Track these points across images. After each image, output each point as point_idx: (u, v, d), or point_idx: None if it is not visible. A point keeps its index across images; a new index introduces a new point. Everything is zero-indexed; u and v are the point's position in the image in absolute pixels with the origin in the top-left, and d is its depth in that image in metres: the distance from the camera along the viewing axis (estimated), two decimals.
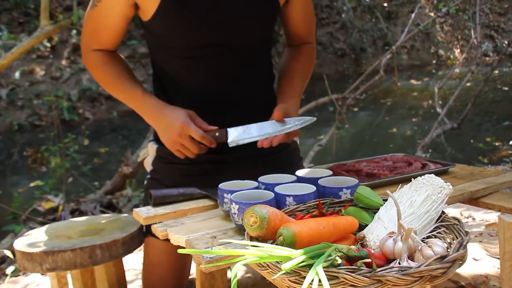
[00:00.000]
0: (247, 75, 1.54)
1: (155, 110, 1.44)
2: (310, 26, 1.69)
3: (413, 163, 1.62)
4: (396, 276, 0.75)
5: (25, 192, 4.47)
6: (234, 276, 0.68)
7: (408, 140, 6.48)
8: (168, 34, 1.44)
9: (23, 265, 1.50)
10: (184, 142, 1.37)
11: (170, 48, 1.47)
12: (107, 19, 1.45)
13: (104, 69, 1.50)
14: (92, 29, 1.49)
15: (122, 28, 1.48)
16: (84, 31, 1.53)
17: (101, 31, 1.48)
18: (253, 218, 0.89)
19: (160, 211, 1.30)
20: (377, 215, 1.03)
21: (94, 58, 1.51)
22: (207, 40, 1.43)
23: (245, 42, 1.47)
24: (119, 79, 1.50)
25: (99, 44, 1.50)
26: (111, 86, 1.52)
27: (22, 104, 8.22)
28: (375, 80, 4.35)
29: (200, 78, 1.48)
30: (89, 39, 1.51)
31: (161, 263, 1.67)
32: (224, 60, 1.46)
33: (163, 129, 1.42)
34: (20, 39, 4.40)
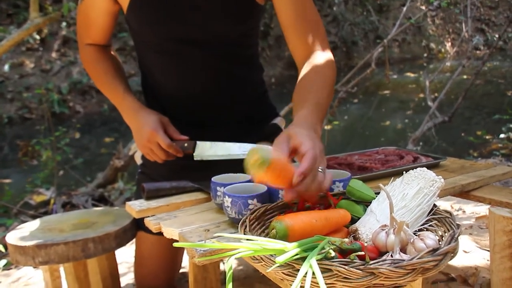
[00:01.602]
0: (224, 72, 1.50)
1: (131, 111, 1.47)
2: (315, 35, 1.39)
3: (405, 156, 1.63)
4: (389, 269, 0.76)
5: (16, 185, 4.44)
6: (229, 269, 0.68)
7: (399, 133, 6.51)
8: (140, 28, 1.45)
9: (15, 258, 1.50)
10: (153, 148, 1.40)
11: (144, 42, 1.48)
12: (93, 14, 1.49)
13: (94, 65, 1.54)
14: (83, 24, 1.54)
15: (108, 23, 1.51)
16: (77, 25, 1.57)
17: (90, 26, 1.52)
18: (255, 156, 0.86)
19: (152, 204, 1.30)
20: (370, 208, 1.04)
21: (87, 53, 1.55)
22: (176, 34, 1.42)
23: (217, 39, 1.44)
24: (105, 76, 1.53)
25: (91, 38, 1.54)
26: (99, 82, 1.55)
27: (12, 97, 8.15)
28: (367, 73, 4.37)
29: (175, 74, 1.48)
30: (81, 33, 1.56)
31: (152, 257, 1.68)
32: (198, 57, 1.45)
33: (136, 131, 1.45)
34: (9, 32, 4.36)
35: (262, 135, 1.60)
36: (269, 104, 1.71)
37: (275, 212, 1.05)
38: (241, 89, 1.57)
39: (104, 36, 1.54)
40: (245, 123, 1.60)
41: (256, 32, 1.56)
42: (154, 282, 1.70)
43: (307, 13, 1.40)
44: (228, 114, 1.57)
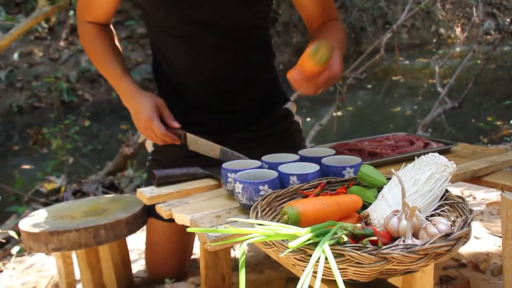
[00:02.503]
0: (237, 57, 1.52)
1: (128, 95, 1.46)
2: (324, 4, 1.55)
3: (415, 142, 1.62)
4: (401, 254, 0.76)
5: (27, 174, 4.48)
6: (242, 254, 0.68)
7: (408, 120, 6.47)
8: (154, 10, 1.45)
9: (29, 245, 1.51)
10: (150, 134, 1.42)
11: (158, 25, 1.49)
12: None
13: (92, 43, 1.53)
14: (86, 2, 1.53)
15: (113, 3, 1.51)
16: (78, 2, 1.56)
17: (93, 4, 1.51)
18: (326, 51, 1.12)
19: (163, 191, 1.30)
20: (381, 194, 1.04)
21: (86, 30, 1.54)
22: (190, 17, 1.42)
23: (230, 21, 1.45)
24: (103, 56, 1.51)
25: (92, 16, 1.53)
26: (96, 61, 1.54)
27: (21, 86, 8.18)
28: (376, 59, 4.32)
29: (188, 58, 1.49)
30: (83, 10, 1.55)
31: (163, 243, 1.69)
32: (210, 40, 1.45)
33: (134, 116, 1.45)
34: (17, 20, 4.36)
35: (274, 119, 1.60)
36: (280, 89, 1.71)
37: (286, 198, 1.05)
38: (254, 74, 1.56)
39: (106, 16, 1.54)
40: (258, 108, 1.60)
41: (268, 15, 1.57)
42: (165, 269, 1.71)
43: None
44: (240, 99, 1.56)
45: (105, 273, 1.66)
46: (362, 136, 1.77)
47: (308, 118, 6.10)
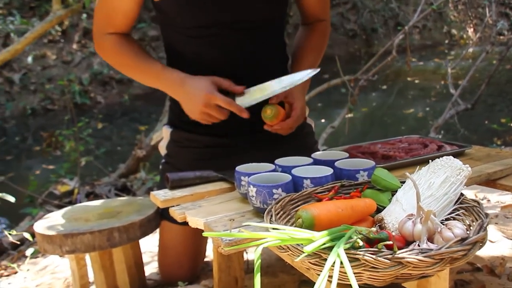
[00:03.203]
0: (258, 56, 1.53)
1: (177, 82, 1.43)
2: (323, 4, 1.70)
3: (429, 144, 1.62)
4: (417, 258, 0.75)
5: (40, 176, 4.52)
6: (257, 258, 0.69)
7: (421, 121, 6.43)
8: (178, 14, 1.43)
9: (43, 247, 1.53)
10: (211, 111, 1.37)
11: (181, 28, 1.47)
12: (120, 2, 1.45)
13: (120, 51, 1.50)
14: (105, 13, 1.49)
15: (135, 10, 1.48)
16: (96, 15, 1.52)
17: (114, 15, 1.47)
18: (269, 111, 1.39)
19: (177, 194, 1.30)
20: (395, 197, 1.03)
21: (109, 41, 1.50)
22: (216, 19, 1.42)
23: (254, 21, 1.46)
24: (136, 58, 1.49)
25: (113, 27, 1.49)
26: (129, 66, 1.52)
27: (35, 89, 8.27)
28: (388, 61, 4.30)
29: (211, 58, 1.48)
30: (102, 23, 1.50)
31: (176, 246, 1.70)
32: (234, 40, 1.46)
33: (187, 101, 1.41)
34: (32, 24, 4.41)
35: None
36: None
37: (300, 202, 1.05)
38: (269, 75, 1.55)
39: (128, 24, 1.51)
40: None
41: (285, 11, 1.61)
42: (178, 271, 1.71)
43: None
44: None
45: (119, 275, 1.67)
46: (374, 138, 1.77)
47: (322, 120, 6.08)
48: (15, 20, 4.12)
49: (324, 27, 1.73)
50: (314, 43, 1.70)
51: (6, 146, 6.28)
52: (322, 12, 1.71)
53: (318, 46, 1.70)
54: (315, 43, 1.70)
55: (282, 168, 1.22)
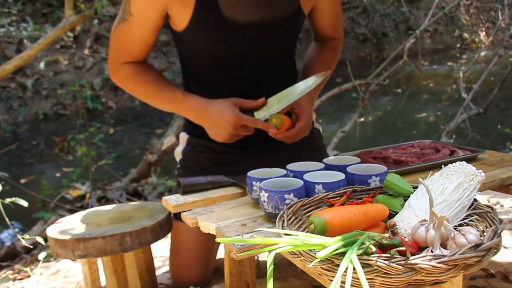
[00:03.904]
0: (272, 79, 1.56)
1: (200, 110, 1.43)
2: (337, 25, 1.70)
3: (441, 149, 1.61)
4: (430, 264, 0.75)
5: (52, 180, 4.56)
6: (270, 264, 0.69)
7: (432, 126, 6.39)
8: (199, 45, 1.45)
9: (56, 251, 1.54)
10: (240, 132, 1.38)
11: (198, 56, 1.49)
12: (138, 33, 1.43)
13: (136, 80, 1.49)
14: (122, 44, 1.47)
15: (152, 40, 1.46)
16: (112, 45, 1.50)
17: (131, 45, 1.46)
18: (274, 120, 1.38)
19: (189, 199, 1.31)
20: (408, 203, 1.03)
21: (126, 70, 1.49)
22: (235, 49, 1.44)
23: (271, 50, 1.49)
24: (156, 86, 1.48)
25: (129, 57, 1.48)
26: (148, 95, 1.51)
27: (47, 94, 8.34)
28: (399, 65, 4.29)
29: (224, 81, 1.51)
30: (118, 53, 1.49)
31: (189, 247, 1.70)
32: (248, 65, 1.48)
33: (213, 126, 1.41)
34: (44, 30, 4.45)
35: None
36: None
37: (312, 207, 1.05)
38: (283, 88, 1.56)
39: (145, 53, 1.49)
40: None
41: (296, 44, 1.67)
42: (190, 274, 1.71)
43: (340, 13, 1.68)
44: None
45: (130, 280, 1.68)
46: (385, 143, 1.76)
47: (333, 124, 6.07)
48: (28, 27, 4.17)
49: (336, 44, 1.74)
50: (325, 58, 1.71)
51: (19, 151, 6.35)
52: (335, 32, 1.72)
53: (328, 61, 1.71)
54: (326, 59, 1.71)
55: (293, 173, 1.22)
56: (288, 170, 1.24)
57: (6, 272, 2.26)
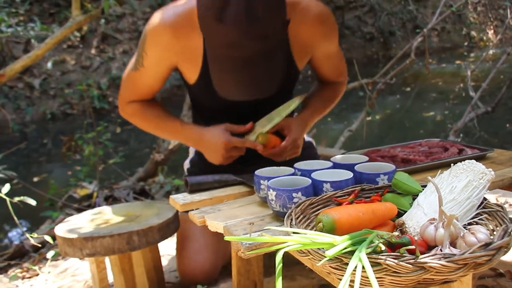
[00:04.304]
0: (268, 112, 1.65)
1: (197, 137, 1.57)
2: (338, 72, 1.75)
3: (449, 148, 1.60)
4: (440, 263, 0.74)
5: (60, 179, 4.57)
6: (279, 263, 0.68)
7: (439, 125, 6.35)
8: (206, 97, 1.59)
9: (64, 250, 1.54)
10: (233, 153, 1.50)
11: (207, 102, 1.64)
12: (148, 81, 1.58)
13: (141, 116, 1.64)
14: (132, 87, 1.62)
15: (161, 85, 1.62)
16: (123, 87, 1.65)
17: (141, 88, 1.61)
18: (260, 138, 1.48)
19: (196, 197, 1.31)
20: (416, 201, 1.02)
21: (132, 108, 1.64)
22: (237, 99, 1.53)
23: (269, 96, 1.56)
24: (158, 119, 1.63)
25: (137, 97, 1.63)
26: (151, 127, 1.66)
27: (54, 93, 8.38)
28: (406, 64, 4.26)
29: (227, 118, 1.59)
30: (128, 93, 1.64)
31: (197, 239, 1.72)
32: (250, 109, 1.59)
33: (209, 151, 1.54)
34: (52, 30, 4.47)
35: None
36: None
37: (320, 206, 1.05)
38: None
39: (152, 94, 1.64)
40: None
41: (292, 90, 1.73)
42: (197, 266, 1.71)
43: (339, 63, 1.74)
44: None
45: (138, 278, 1.68)
46: (392, 142, 1.75)
47: (337, 124, 6.05)
48: (35, 26, 4.19)
49: (339, 85, 1.78)
50: (325, 94, 1.75)
51: (26, 150, 6.38)
52: (338, 76, 1.77)
53: (328, 97, 1.75)
54: (326, 94, 1.75)
55: (301, 172, 1.22)
56: (296, 168, 1.24)
57: (15, 270, 2.27)
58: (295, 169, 1.24)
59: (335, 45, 1.68)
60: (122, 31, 9.42)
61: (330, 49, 1.65)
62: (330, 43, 1.64)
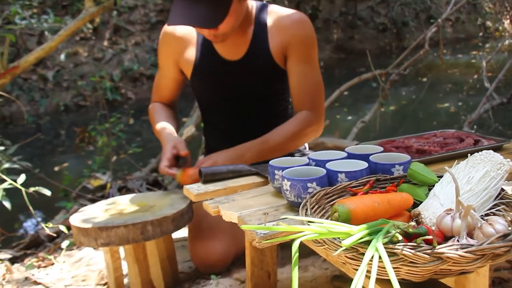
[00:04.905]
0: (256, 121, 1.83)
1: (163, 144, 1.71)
2: (303, 96, 1.74)
3: (465, 139, 1.58)
4: (458, 254, 0.74)
5: (74, 170, 4.61)
6: (295, 252, 0.68)
7: (453, 116, 6.30)
8: (197, 92, 1.90)
9: (79, 240, 1.56)
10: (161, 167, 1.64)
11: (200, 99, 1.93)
12: (163, 81, 1.90)
13: (152, 114, 1.89)
14: (155, 88, 1.95)
15: (174, 88, 1.90)
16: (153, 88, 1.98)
17: (161, 90, 1.93)
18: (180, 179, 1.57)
19: (210, 188, 1.31)
20: (432, 192, 1.01)
21: (153, 106, 1.93)
22: (222, 95, 1.82)
23: (251, 96, 1.81)
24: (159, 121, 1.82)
25: (158, 98, 1.94)
26: (153, 126, 1.85)
27: (68, 85, 8.43)
28: (420, 54, 4.22)
29: (219, 120, 1.89)
30: (153, 95, 1.96)
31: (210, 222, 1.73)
32: (236, 109, 1.83)
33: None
34: (65, 22, 4.49)
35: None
36: None
37: (335, 196, 1.04)
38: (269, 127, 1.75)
39: (169, 97, 1.92)
40: None
41: (286, 91, 1.84)
42: (210, 260, 1.72)
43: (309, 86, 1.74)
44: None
45: (152, 268, 1.70)
46: (405, 133, 1.74)
47: (350, 116, 6.02)
48: (49, 19, 4.21)
49: (303, 114, 1.73)
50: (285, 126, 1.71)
51: (40, 141, 6.44)
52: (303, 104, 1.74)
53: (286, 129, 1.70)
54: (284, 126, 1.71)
55: (316, 162, 1.21)
56: (310, 159, 1.23)
57: (31, 259, 2.30)
58: (310, 159, 1.23)
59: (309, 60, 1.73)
60: (134, 23, 9.44)
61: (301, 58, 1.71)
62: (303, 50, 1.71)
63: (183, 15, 1.53)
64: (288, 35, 1.71)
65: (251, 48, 1.73)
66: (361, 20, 12.80)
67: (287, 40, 1.71)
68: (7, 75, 2.72)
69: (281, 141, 1.67)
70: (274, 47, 1.72)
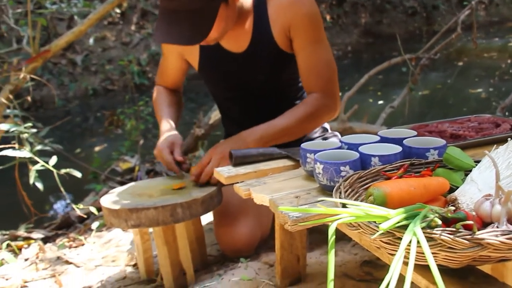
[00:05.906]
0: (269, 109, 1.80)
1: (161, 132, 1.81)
2: (309, 76, 1.70)
3: (501, 124, 1.54)
4: (499, 240, 0.72)
5: (103, 153, 4.68)
6: (332, 234, 0.67)
7: (483, 102, 6.15)
8: (207, 85, 1.94)
9: (110, 221, 1.58)
10: (160, 160, 1.77)
11: (211, 91, 1.98)
12: (167, 69, 1.96)
13: (156, 99, 1.98)
14: (159, 72, 2.02)
15: (177, 74, 1.96)
16: (158, 70, 2.04)
17: (165, 75, 2.00)
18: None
19: (241, 170, 1.31)
20: (470, 177, 0.98)
21: (156, 89, 2.02)
22: (230, 87, 1.86)
23: (260, 87, 1.82)
24: (161, 107, 1.92)
25: (163, 81, 2.01)
26: (155, 110, 1.95)
27: (96, 70, 8.53)
28: (452, 38, 4.12)
29: (233, 110, 1.95)
30: (157, 78, 2.03)
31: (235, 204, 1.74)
32: (247, 99, 1.86)
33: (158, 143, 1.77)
34: (94, 6, 4.53)
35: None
36: None
37: (368, 180, 1.03)
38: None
39: (172, 83, 1.99)
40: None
41: (296, 76, 1.82)
42: (238, 243, 1.73)
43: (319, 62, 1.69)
44: None
45: (181, 250, 1.71)
46: (434, 119, 1.70)
47: (379, 101, 5.93)
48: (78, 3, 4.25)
49: (312, 97, 1.69)
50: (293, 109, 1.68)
51: (70, 125, 6.55)
52: (312, 86, 1.70)
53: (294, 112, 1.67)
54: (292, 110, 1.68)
55: (348, 145, 1.20)
56: (342, 142, 1.22)
57: (62, 239, 2.35)
58: (342, 143, 1.21)
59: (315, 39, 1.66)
60: None
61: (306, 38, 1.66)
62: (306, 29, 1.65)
63: (168, 32, 1.50)
64: (288, 17, 1.64)
65: (253, 38, 1.70)
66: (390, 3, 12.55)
67: (288, 22, 1.65)
68: (39, 59, 2.76)
69: (288, 125, 1.63)
70: (276, 32, 1.67)
